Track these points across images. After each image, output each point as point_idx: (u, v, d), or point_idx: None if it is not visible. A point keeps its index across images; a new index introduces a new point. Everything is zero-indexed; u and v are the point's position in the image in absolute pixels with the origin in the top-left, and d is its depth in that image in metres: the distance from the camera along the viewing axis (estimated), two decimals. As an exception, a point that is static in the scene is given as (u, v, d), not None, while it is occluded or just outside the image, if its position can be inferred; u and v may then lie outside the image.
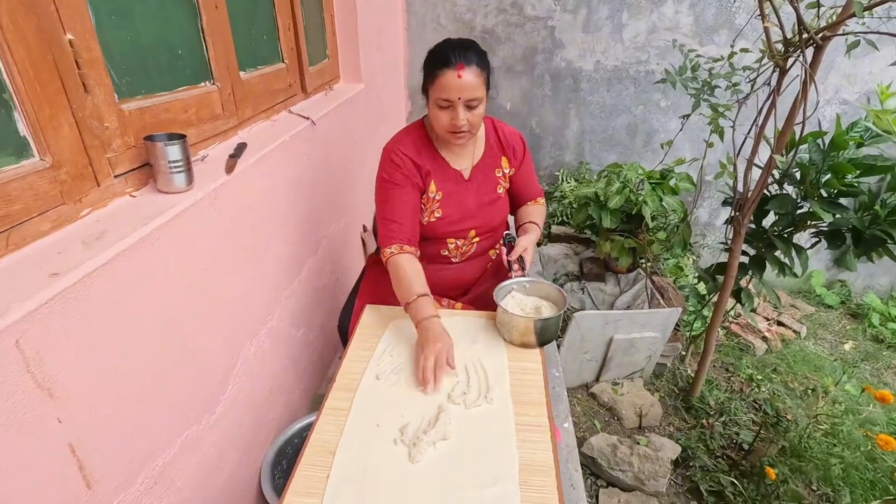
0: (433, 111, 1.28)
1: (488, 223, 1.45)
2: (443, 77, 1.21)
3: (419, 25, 3.35)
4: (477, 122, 1.28)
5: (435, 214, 1.39)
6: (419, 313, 1.21)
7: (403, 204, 1.33)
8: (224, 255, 1.17)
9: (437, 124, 1.29)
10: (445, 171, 1.40)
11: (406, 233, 1.32)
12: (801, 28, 1.55)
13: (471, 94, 1.22)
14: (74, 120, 0.86)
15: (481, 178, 1.44)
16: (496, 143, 1.46)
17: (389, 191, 1.34)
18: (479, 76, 1.22)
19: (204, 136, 1.24)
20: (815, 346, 3.08)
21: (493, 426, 1.04)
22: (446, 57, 1.21)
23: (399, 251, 1.30)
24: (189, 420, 1.07)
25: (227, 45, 1.32)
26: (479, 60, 1.23)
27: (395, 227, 1.31)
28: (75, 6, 0.84)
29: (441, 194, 1.38)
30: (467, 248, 1.46)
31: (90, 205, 0.90)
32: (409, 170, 1.34)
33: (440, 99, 1.24)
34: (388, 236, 1.31)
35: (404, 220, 1.32)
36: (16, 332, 0.65)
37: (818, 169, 1.86)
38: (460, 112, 1.23)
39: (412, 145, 1.37)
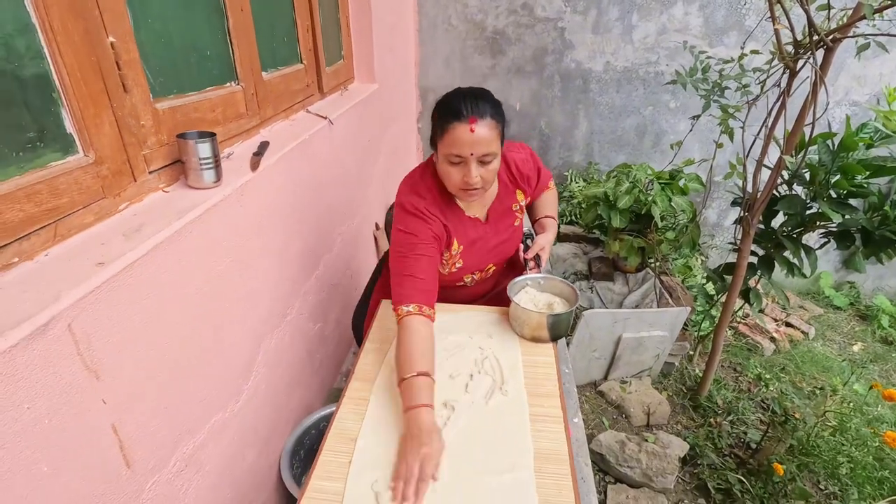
0: (443, 167, 1.17)
1: (506, 255, 1.43)
2: (453, 131, 1.10)
3: (430, 26, 3.39)
4: (491, 178, 1.18)
5: (456, 265, 1.34)
6: (413, 398, 1.02)
7: (429, 261, 1.20)
8: (250, 249, 1.21)
9: (448, 181, 1.19)
10: (463, 222, 1.32)
11: (428, 293, 1.19)
12: (811, 30, 1.57)
13: (485, 149, 1.12)
14: (115, 118, 0.90)
15: (497, 217, 1.37)
16: (509, 178, 1.37)
17: (411, 245, 1.20)
18: (493, 129, 1.12)
19: (229, 134, 1.29)
20: (823, 348, 3.09)
21: (509, 417, 1.08)
22: (457, 109, 1.10)
23: (417, 312, 1.15)
24: (216, 406, 1.11)
25: (250, 46, 1.37)
26: (493, 112, 1.14)
27: (419, 283, 1.17)
28: (117, 10, 0.89)
29: (462, 247, 1.32)
30: (482, 276, 1.45)
31: (128, 199, 0.95)
32: (437, 230, 1.23)
33: (451, 155, 1.13)
34: (407, 294, 1.16)
35: (427, 277, 1.19)
36: (68, 316, 0.69)
37: (828, 170, 1.88)
38: (473, 169, 1.13)
39: (432, 199, 1.25)
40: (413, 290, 1.16)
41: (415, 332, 1.12)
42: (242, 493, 1.26)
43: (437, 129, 1.16)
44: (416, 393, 1.03)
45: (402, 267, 1.19)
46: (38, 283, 0.70)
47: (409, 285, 1.17)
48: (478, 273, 1.42)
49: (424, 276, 1.18)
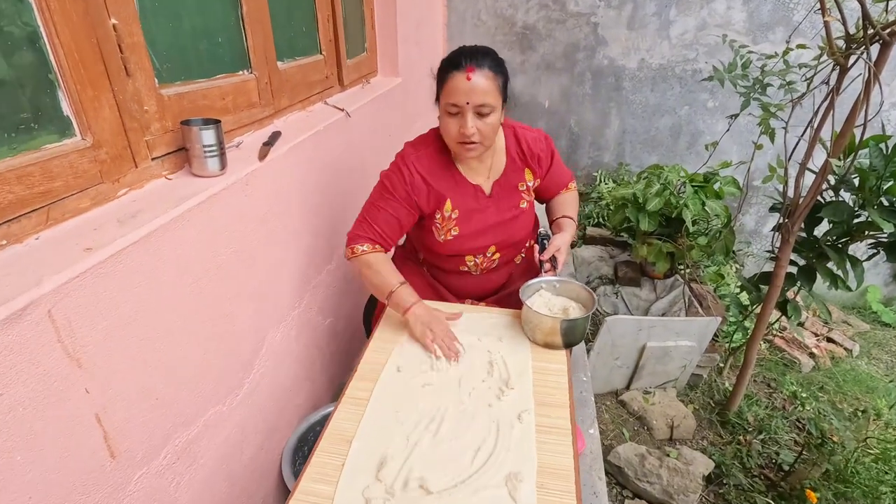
0: (442, 120, 1.20)
1: (509, 239, 1.39)
2: (451, 80, 1.13)
3: (459, 21, 3.33)
4: (489, 133, 1.18)
5: (452, 233, 1.33)
6: (404, 302, 1.20)
7: (391, 216, 1.28)
8: (254, 240, 1.19)
9: (446, 134, 1.20)
10: (463, 187, 1.32)
11: (380, 239, 1.29)
12: (866, 23, 1.44)
13: (481, 98, 1.12)
14: (115, 102, 0.88)
15: (503, 193, 1.35)
16: (518, 155, 1.36)
17: (383, 198, 1.29)
18: (491, 80, 1.13)
19: (240, 123, 1.27)
20: (868, 366, 2.89)
21: (513, 426, 1.02)
22: (456, 60, 1.13)
23: (371, 250, 1.27)
24: (214, 399, 1.09)
25: (266, 35, 1.35)
26: (492, 64, 1.14)
27: (373, 232, 1.28)
28: (120, -9, 0.87)
29: (458, 212, 1.31)
30: (487, 264, 1.41)
31: (128, 185, 0.93)
32: (414, 187, 1.27)
33: (448, 104, 1.15)
34: (362, 235, 1.28)
35: (385, 229, 1.29)
36: (48, 302, 0.67)
37: (879, 175, 1.74)
38: (469, 119, 1.13)
39: (427, 161, 1.29)
40: (370, 234, 1.28)
41: (376, 262, 1.26)
42: (240, 488, 1.24)
43: (439, 83, 1.19)
44: (406, 297, 1.21)
45: (367, 213, 1.31)
46: (22, 267, 0.69)
47: (366, 230, 1.29)
48: (480, 256, 1.38)
49: (383, 228, 1.28)
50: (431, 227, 1.34)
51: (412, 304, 1.20)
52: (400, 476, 0.90)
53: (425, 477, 0.89)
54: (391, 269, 1.26)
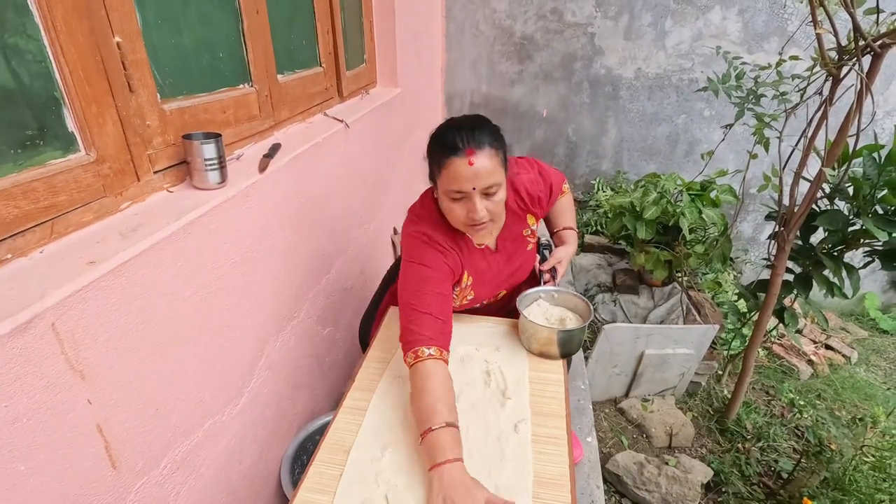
0: (445, 204, 1.10)
1: (518, 281, 1.37)
2: (451, 166, 1.03)
3: (458, 31, 3.37)
4: (499, 210, 1.10)
5: (467, 298, 1.29)
6: (441, 452, 0.89)
7: (445, 300, 1.12)
8: (254, 251, 1.20)
9: (452, 218, 1.11)
10: (472, 252, 1.25)
11: (446, 335, 1.09)
12: (857, 35, 1.47)
13: (487, 181, 1.03)
14: (119, 118, 0.90)
15: (509, 245, 1.30)
16: (519, 206, 1.29)
17: (431, 281, 1.12)
18: (493, 158, 1.04)
19: (240, 135, 1.29)
20: (866, 373, 2.89)
21: (509, 436, 1.03)
22: (452, 143, 1.03)
23: (438, 356, 1.04)
24: (213, 409, 1.10)
25: (266, 48, 1.37)
26: (491, 139, 1.05)
27: (438, 324, 1.08)
28: (124, 10, 0.89)
29: (472, 279, 1.26)
30: (494, 301, 1.41)
31: (130, 198, 0.95)
32: (453, 263, 1.17)
33: (451, 191, 1.06)
34: (427, 335, 1.06)
35: (445, 317, 1.10)
36: (52, 315, 0.68)
37: (873, 184, 1.75)
38: (477, 203, 1.04)
39: (444, 235, 1.17)
40: (432, 331, 1.06)
41: (437, 378, 1.01)
42: (239, 498, 1.24)
43: (434, 166, 1.09)
44: (446, 446, 0.90)
45: (417, 303, 1.09)
46: (26, 281, 0.70)
47: (427, 325, 1.06)
48: (489, 300, 1.38)
49: (441, 315, 1.09)
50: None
51: (446, 462, 0.88)
52: (395, 491, 0.91)
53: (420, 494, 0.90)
54: (443, 398, 0.98)
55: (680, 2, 2.99)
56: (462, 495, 0.83)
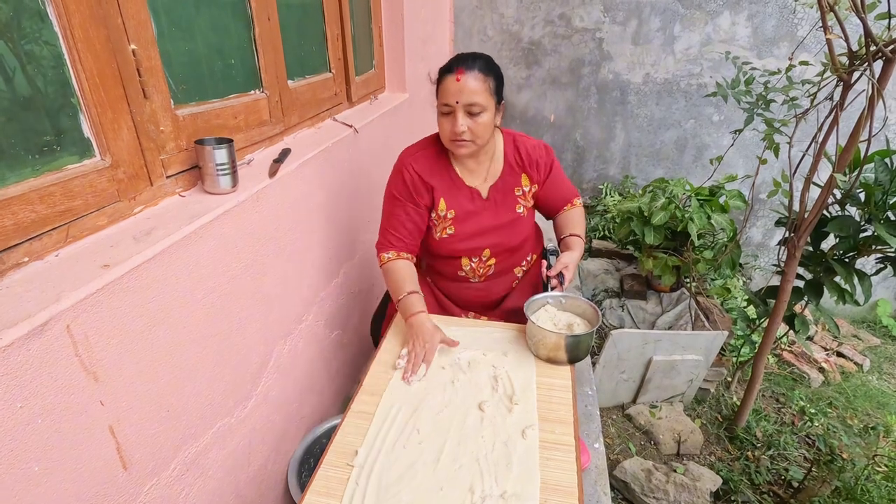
0: (438, 120, 1.26)
1: (504, 243, 1.41)
2: (444, 82, 1.21)
3: (466, 37, 3.39)
4: (481, 132, 1.23)
5: (447, 231, 1.37)
6: (408, 309, 1.27)
7: (405, 220, 1.35)
8: (264, 255, 1.21)
9: (441, 133, 1.28)
10: (459, 188, 1.37)
11: (403, 244, 1.36)
12: (868, 40, 1.46)
13: (469, 98, 1.18)
14: (133, 124, 0.92)
15: (499, 197, 1.39)
16: (516, 160, 1.39)
17: (393, 204, 1.36)
18: (481, 82, 1.18)
19: (251, 140, 1.30)
20: (879, 382, 2.85)
21: (516, 442, 1.02)
22: (449, 65, 1.22)
23: (396, 257, 1.36)
24: (223, 411, 1.11)
25: (277, 55, 1.39)
26: (483, 66, 1.20)
27: (395, 238, 1.36)
28: (140, 19, 0.91)
29: (453, 212, 1.36)
30: (485, 270, 1.43)
31: (143, 203, 0.96)
32: (415, 187, 1.34)
33: (441, 104, 1.23)
34: (386, 244, 1.37)
35: (403, 233, 1.36)
36: (67, 317, 0.70)
37: (885, 190, 1.74)
38: (459, 118, 1.19)
39: (425, 160, 1.35)
40: (394, 238, 1.36)
41: (398, 267, 1.34)
42: (247, 501, 1.25)
43: (437, 87, 1.26)
44: (413, 304, 1.27)
45: (384, 220, 1.40)
46: (42, 283, 0.72)
47: (388, 239, 1.37)
48: (476, 259, 1.41)
49: (400, 233, 1.36)
50: (429, 225, 1.40)
51: (415, 314, 1.26)
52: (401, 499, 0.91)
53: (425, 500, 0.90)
54: (407, 278, 1.32)
55: (689, 7, 2.99)
56: (425, 333, 1.23)
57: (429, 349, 1.21)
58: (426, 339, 1.22)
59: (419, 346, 1.21)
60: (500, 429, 1.06)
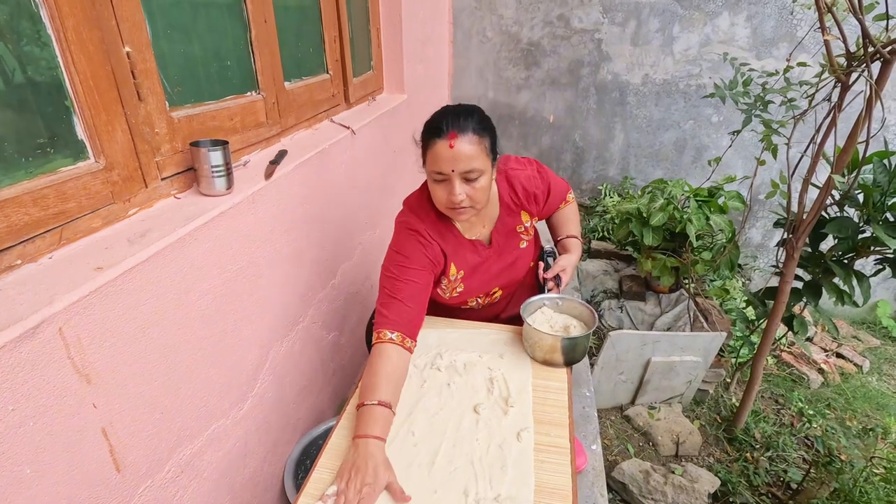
0: (431, 186, 1.15)
1: (512, 280, 1.38)
2: (434, 147, 1.09)
3: (465, 38, 3.39)
4: (480, 197, 1.13)
5: (457, 290, 1.31)
6: (367, 426, 0.96)
7: (417, 292, 1.17)
8: (259, 257, 1.21)
9: (436, 200, 1.16)
10: (463, 245, 1.28)
11: (413, 324, 1.15)
12: (866, 41, 1.46)
13: (466, 165, 1.07)
14: (128, 126, 0.92)
15: (502, 241, 1.32)
16: (512, 200, 1.31)
17: (405, 269, 1.17)
18: (476, 144, 1.08)
19: (247, 142, 1.30)
20: (879, 383, 2.85)
21: (511, 444, 1.02)
22: (438, 126, 1.08)
23: (399, 342, 1.11)
24: (218, 413, 1.11)
25: (273, 56, 1.39)
26: (476, 126, 1.09)
27: (406, 311, 1.13)
28: (134, 21, 0.91)
29: (462, 272, 1.29)
30: (490, 301, 1.42)
31: (138, 205, 0.96)
32: (434, 255, 1.21)
33: (434, 172, 1.11)
34: (393, 320, 1.12)
35: (414, 306, 1.16)
36: (59, 320, 0.70)
37: (883, 191, 1.73)
38: (456, 186, 1.09)
39: (432, 224, 1.22)
40: (399, 316, 1.13)
41: (389, 360, 1.08)
42: (243, 502, 1.25)
43: (423, 149, 1.15)
44: (373, 422, 0.97)
45: (392, 289, 1.16)
46: (35, 286, 0.72)
47: (395, 310, 1.13)
48: (483, 297, 1.38)
49: (412, 304, 1.15)
50: (437, 289, 1.31)
51: (367, 436, 0.95)
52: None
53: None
54: (390, 380, 1.06)
55: (688, 7, 2.98)
56: (369, 469, 0.89)
57: (367, 494, 0.87)
58: (368, 479, 0.88)
59: (354, 486, 0.87)
60: (496, 431, 1.06)
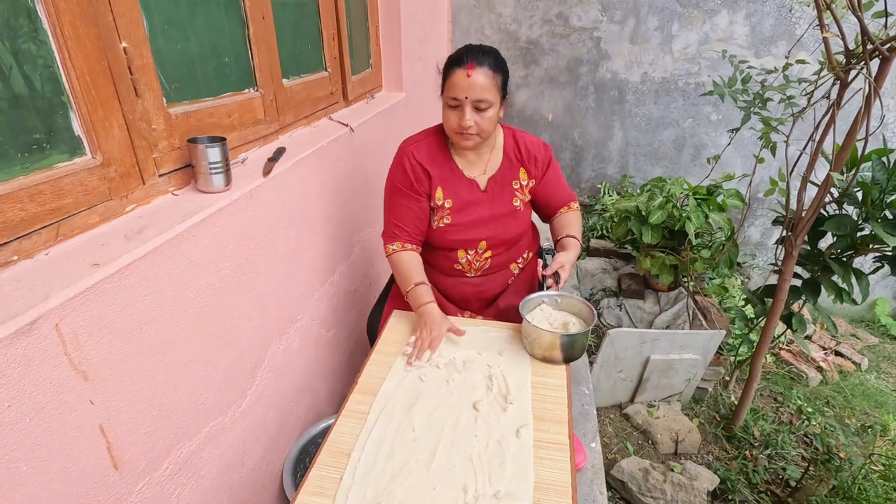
0: (444, 112, 1.29)
1: (500, 235, 1.42)
2: (453, 76, 1.22)
3: (463, 36, 3.38)
4: (486, 126, 1.26)
5: (444, 221, 1.39)
6: (418, 300, 1.32)
7: (408, 210, 1.37)
8: (257, 254, 1.21)
9: (446, 125, 1.30)
10: (458, 179, 1.39)
11: (408, 235, 1.38)
12: (864, 38, 1.46)
13: (479, 94, 1.21)
14: (125, 122, 0.91)
15: (497, 189, 1.41)
16: (515, 154, 1.42)
17: (396, 194, 1.38)
18: (490, 78, 1.22)
19: (245, 139, 1.30)
20: (877, 381, 2.85)
21: (510, 441, 1.02)
22: (459, 57, 1.23)
23: (401, 248, 1.38)
24: (216, 410, 1.10)
25: (271, 53, 1.38)
26: (492, 63, 1.23)
27: (398, 229, 1.38)
28: (131, 16, 0.91)
29: (451, 202, 1.38)
30: (481, 263, 1.44)
31: (135, 201, 0.96)
32: (416, 176, 1.36)
33: (449, 98, 1.24)
34: (391, 235, 1.39)
35: (407, 224, 1.38)
36: (56, 316, 0.69)
37: (882, 189, 1.73)
38: (467, 112, 1.22)
39: (426, 149, 1.38)
40: (398, 229, 1.38)
41: (404, 260, 1.37)
42: (241, 500, 1.25)
43: (444, 78, 1.27)
44: (421, 295, 1.32)
45: (389, 212, 1.41)
46: (32, 282, 0.71)
47: (392, 231, 1.39)
48: (472, 252, 1.42)
49: (407, 221, 1.38)
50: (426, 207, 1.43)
51: (424, 304, 1.31)
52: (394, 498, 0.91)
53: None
54: (413, 269, 1.36)
55: (687, 6, 2.98)
56: (434, 323, 1.28)
57: (435, 336, 1.25)
58: (433, 327, 1.27)
59: (426, 333, 1.26)
60: (494, 428, 1.05)
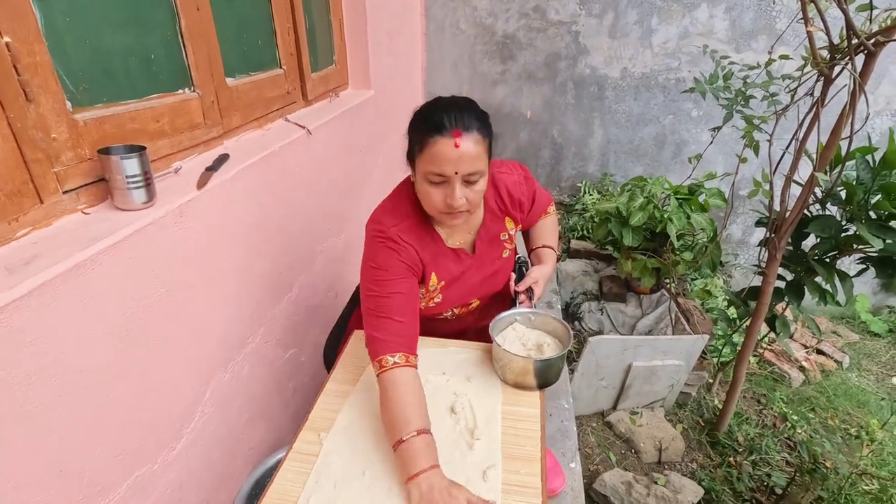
0: (422, 187, 1.02)
1: (491, 290, 1.27)
2: (434, 146, 0.96)
3: (438, 30, 3.25)
4: (477, 200, 1.04)
5: (434, 300, 1.20)
6: (415, 462, 0.88)
7: (406, 300, 1.06)
8: (191, 277, 1.07)
9: (428, 203, 1.04)
10: (444, 254, 1.17)
11: (410, 338, 1.04)
12: (849, 33, 1.38)
13: (470, 166, 0.97)
14: (11, 131, 0.77)
15: (485, 249, 1.22)
16: (498, 205, 1.22)
17: (386, 282, 1.05)
18: (479, 144, 0.98)
19: (180, 146, 1.16)
20: (858, 379, 2.82)
21: (478, 485, 0.91)
22: (439, 121, 0.96)
23: (404, 363, 1.00)
24: (140, 459, 0.97)
25: (210, 49, 1.24)
26: (480, 125, 0.99)
27: (399, 327, 1.02)
28: (15, 5, 0.76)
29: (443, 283, 1.18)
30: (466, 311, 1.30)
31: (30, 224, 0.82)
32: (411, 259, 1.09)
33: (431, 174, 0.98)
34: (389, 341, 1.01)
35: (406, 319, 1.04)
36: None
37: (867, 188, 1.67)
38: (457, 189, 0.98)
39: (411, 231, 1.10)
40: (394, 335, 1.01)
41: (405, 386, 0.98)
42: (181, 551, 1.12)
43: (416, 145, 1.01)
44: (418, 456, 0.88)
45: (377, 308, 1.04)
46: None
47: (387, 329, 1.02)
48: (459, 308, 1.27)
49: (403, 317, 1.04)
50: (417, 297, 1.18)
51: (421, 472, 0.87)
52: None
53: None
54: (415, 405, 0.96)
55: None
56: (444, 499, 0.84)
57: None
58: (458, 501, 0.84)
59: None
60: (459, 469, 0.94)
